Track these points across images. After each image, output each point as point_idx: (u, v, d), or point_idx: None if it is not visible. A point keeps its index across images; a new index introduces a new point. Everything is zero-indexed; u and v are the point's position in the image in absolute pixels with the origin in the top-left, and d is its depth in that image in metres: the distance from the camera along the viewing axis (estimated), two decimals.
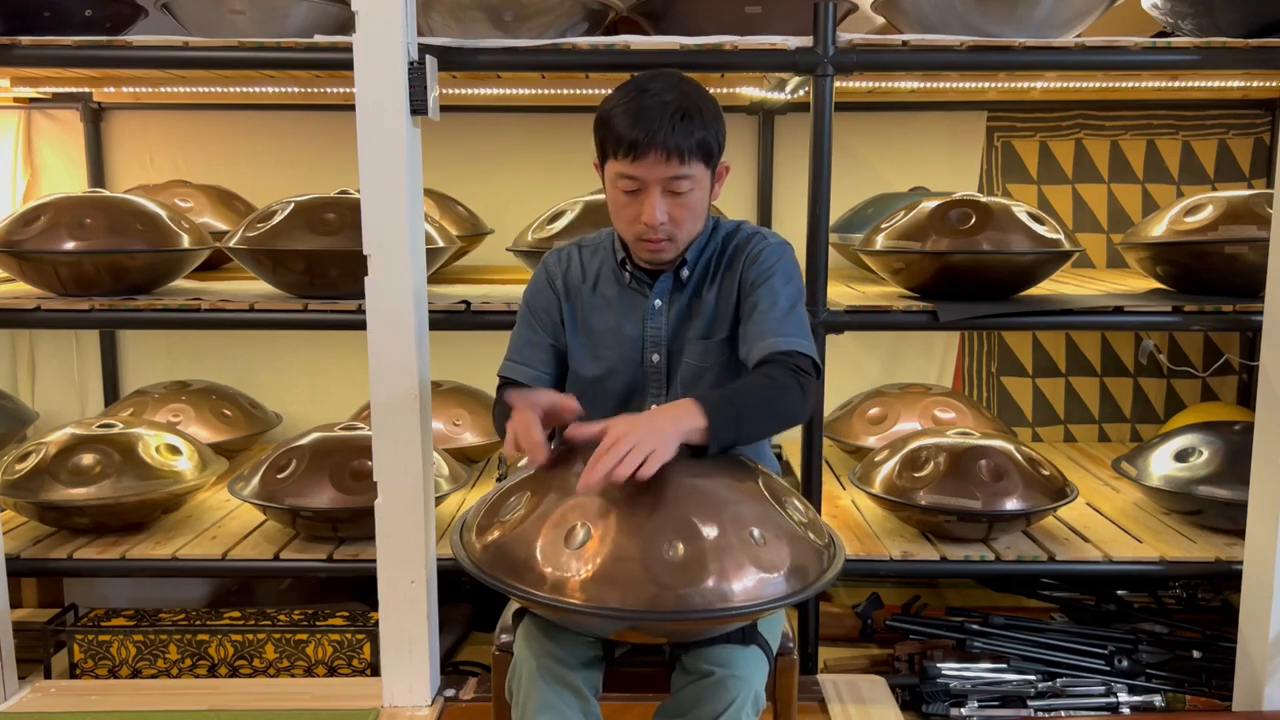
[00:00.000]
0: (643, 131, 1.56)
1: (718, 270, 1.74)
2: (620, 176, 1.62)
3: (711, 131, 1.62)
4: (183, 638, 2.47)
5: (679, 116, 1.57)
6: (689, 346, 1.74)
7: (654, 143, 1.56)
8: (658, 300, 1.74)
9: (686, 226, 1.66)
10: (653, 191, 1.61)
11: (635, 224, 1.65)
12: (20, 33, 2.33)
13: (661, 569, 1.35)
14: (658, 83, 1.61)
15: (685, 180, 1.61)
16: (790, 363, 1.61)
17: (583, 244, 1.84)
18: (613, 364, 1.77)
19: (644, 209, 1.62)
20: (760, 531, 1.42)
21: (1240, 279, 2.45)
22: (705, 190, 1.65)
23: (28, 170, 3.37)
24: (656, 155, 1.57)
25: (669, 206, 1.62)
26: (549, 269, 1.83)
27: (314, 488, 2.45)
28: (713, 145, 1.62)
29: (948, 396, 3.05)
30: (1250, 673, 2.26)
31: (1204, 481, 2.51)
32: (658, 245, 1.66)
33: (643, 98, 1.59)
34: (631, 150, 1.58)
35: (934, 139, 3.33)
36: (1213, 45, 2.30)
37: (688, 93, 1.61)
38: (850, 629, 2.72)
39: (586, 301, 1.79)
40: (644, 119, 1.57)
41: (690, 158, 1.59)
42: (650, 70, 1.67)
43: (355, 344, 2.41)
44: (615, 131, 1.59)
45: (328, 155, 3.27)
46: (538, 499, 1.47)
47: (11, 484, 2.51)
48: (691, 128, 1.58)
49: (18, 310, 2.41)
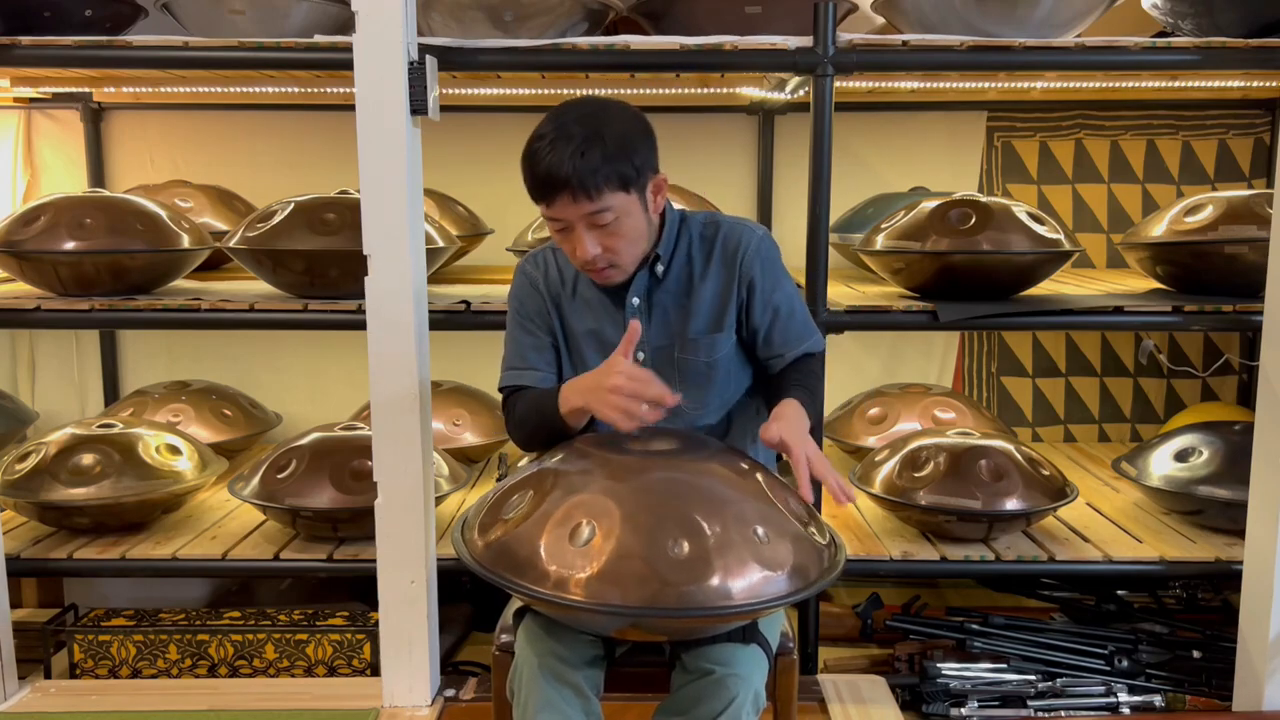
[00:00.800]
0: (549, 174, 1.55)
1: (708, 263, 1.74)
2: (546, 220, 1.63)
3: (623, 159, 1.56)
4: (183, 638, 2.47)
5: (580, 153, 1.54)
6: (692, 343, 1.74)
7: (561, 184, 1.55)
8: (635, 299, 1.74)
9: (624, 252, 1.65)
10: (578, 229, 1.60)
11: (574, 258, 1.66)
12: (20, 33, 2.33)
13: (666, 566, 1.35)
14: (568, 115, 1.58)
15: (606, 213, 1.58)
16: (818, 360, 1.80)
17: (555, 247, 1.81)
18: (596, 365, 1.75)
19: (577, 246, 1.62)
20: (764, 530, 1.43)
21: (1240, 279, 2.45)
22: (635, 214, 1.62)
23: (28, 170, 3.37)
24: (565, 197, 1.56)
25: (599, 239, 1.61)
26: (529, 274, 1.81)
27: (314, 488, 2.45)
28: (627, 172, 1.58)
29: (948, 396, 3.05)
30: (1250, 673, 2.26)
31: (1204, 481, 2.51)
32: (601, 274, 1.67)
33: (540, 144, 1.57)
34: (543, 195, 1.58)
35: (934, 139, 3.33)
36: (1213, 45, 2.30)
37: (595, 123, 1.57)
38: (850, 629, 2.72)
39: (567, 305, 1.78)
40: (548, 161, 1.55)
41: (601, 192, 1.56)
42: (567, 101, 1.64)
43: (355, 344, 2.41)
44: (526, 179, 1.61)
45: (328, 155, 3.27)
46: (540, 497, 1.47)
47: (11, 484, 2.51)
48: (595, 161, 1.54)
49: (18, 310, 2.41)
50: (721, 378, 1.75)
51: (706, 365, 1.74)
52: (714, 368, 1.74)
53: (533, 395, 1.73)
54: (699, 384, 1.74)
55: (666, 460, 1.51)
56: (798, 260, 2.33)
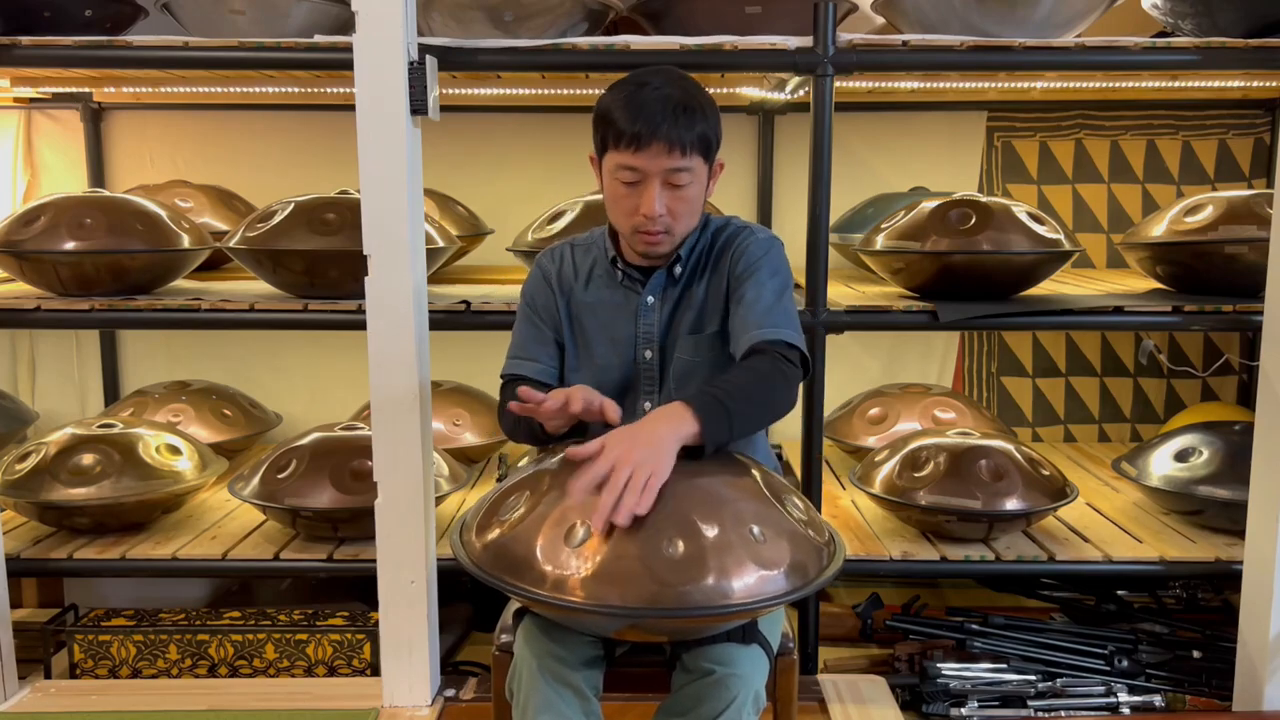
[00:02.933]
0: (645, 124, 1.58)
1: (707, 264, 1.76)
2: (621, 168, 1.63)
3: (711, 126, 1.64)
4: (183, 638, 2.47)
5: (680, 110, 1.59)
6: (680, 342, 1.75)
7: (656, 135, 1.58)
8: (650, 297, 1.75)
9: (683, 220, 1.67)
10: (653, 183, 1.62)
11: (634, 215, 1.65)
12: (20, 33, 2.33)
13: (662, 566, 1.35)
14: (658, 77, 1.63)
15: (685, 173, 1.62)
16: (774, 352, 1.62)
17: (575, 243, 1.84)
18: (606, 362, 1.77)
19: (643, 200, 1.63)
20: (760, 529, 1.43)
21: (1240, 279, 2.45)
22: (703, 185, 1.67)
23: (28, 170, 3.37)
24: (659, 147, 1.59)
25: (668, 199, 1.63)
26: (543, 268, 1.83)
27: (314, 488, 2.45)
28: (712, 140, 1.64)
29: (948, 396, 3.05)
30: (1250, 673, 2.26)
31: (1204, 481, 2.51)
32: (655, 237, 1.67)
33: (644, 91, 1.60)
34: (634, 142, 1.59)
35: (934, 139, 3.33)
36: (1213, 45, 2.30)
37: (687, 88, 1.63)
38: (850, 629, 2.72)
39: (579, 300, 1.79)
40: (646, 112, 1.58)
41: (691, 151, 1.61)
42: (648, 66, 1.68)
43: (355, 344, 2.40)
44: (617, 123, 1.60)
45: (328, 155, 3.27)
46: (537, 498, 1.47)
47: (11, 484, 2.51)
48: (693, 121, 1.60)
49: (18, 310, 2.41)
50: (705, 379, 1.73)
51: (696, 364, 1.74)
52: (701, 368, 1.74)
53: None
54: (690, 382, 1.74)
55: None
56: (798, 260, 2.33)
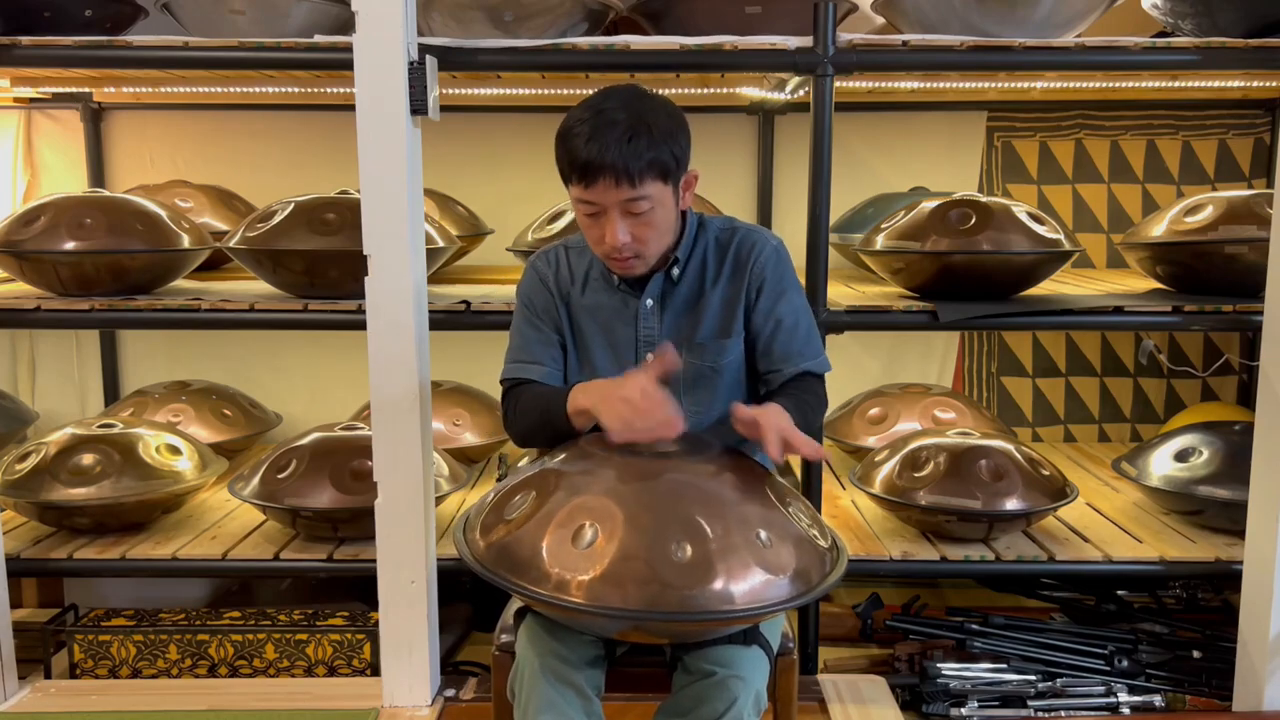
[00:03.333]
0: (592, 157, 1.54)
1: (720, 269, 1.74)
2: (578, 201, 1.62)
3: (665, 149, 1.58)
4: (183, 638, 2.47)
5: (627, 138, 1.54)
6: (696, 347, 1.73)
7: (604, 168, 1.54)
8: (649, 300, 1.74)
9: (652, 243, 1.65)
10: (611, 214, 1.60)
11: (600, 245, 1.65)
12: (20, 33, 2.33)
13: (668, 569, 1.35)
14: (611, 101, 1.59)
15: (642, 201, 1.59)
16: (819, 382, 1.74)
17: (569, 245, 1.82)
18: (605, 365, 1.76)
19: (606, 232, 1.62)
20: (766, 533, 1.42)
21: (1240, 279, 2.45)
22: (668, 206, 1.64)
23: (28, 170, 3.37)
24: (607, 181, 1.56)
25: (630, 226, 1.61)
26: (539, 270, 1.80)
27: (314, 488, 2.45)
28: (668, 162, 1.59)
29: (948, 396, 3.05)
30: (1250, 673, 2.27)
31: (1204, 481, 2.51)
32: (625, 263, 1.66)
33: (594, 120, 1.56)
34: (583, 177, 1.57)
35: (934, 139, 3.33)
36: (1213, 45, 2.30)
37: (640, 111, 1.58)
38: (850, 629, 2.72)
39: (576, 304, 1.78)
40: (593, 144, 1.54)
41: (643, 179, 1.57)
42: (607, 87, 1.64)
43: (355, 344, 2.40)
44: (567, 158, 1.58)
45: (328, 155, 3.27)
46: (543, 498, 1.47)
47: (11, 484, 2.51)
48: (640, 148, 1.55)
49: (18, 310, 2.41)
50: (727, 383, 1.75)
51: (712, 370, 1.74)
52: (720, 373, 1.74)
53: (538, 390, 1.72)
54: (704, 388, 1.74)
55: (670, 462, 1.51)
56: (798, 260, 2.32)
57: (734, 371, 1.75)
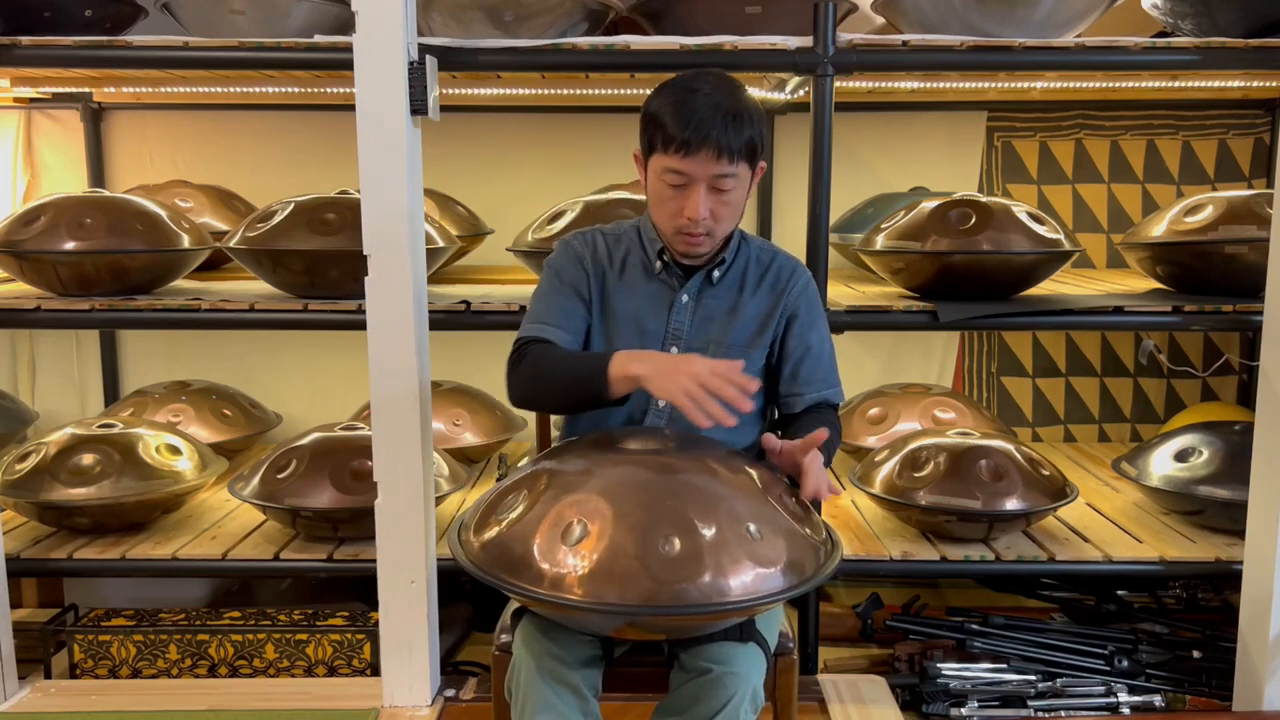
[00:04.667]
0: (695, 130, 1.59)
1: (760, 282, 1.78)
2: (668, 171, 1.64)
3: (757, 132, 1.65)
4: (183, 638, 2.47)
5: (730, 117, 1.60)
6: (719, 350, 1.74)
7: (706, 141, 1.59)
8: (685, 296, 1.75)
9: (725, 223, 1.69)
10: (698, 187, 1.63)
11: (677, 217, 1.67)
12: (20, 33, 2.33)
13: (658, 564, 1.36)
14: (707, 83, 1.64)
15: (730, 179, 1.64)
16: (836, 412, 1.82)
17: (603, 231, 1.83)
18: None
19: (688, 203, 1.64)
20: (756, 527, 1.43)
21: (1240, 279, 2.45)
22: (745, 189, 1.69)
23: (28, 170, 3.37)
24: (707, 153, 1.60)
25: (712, 203, 1.65)
26: (575, 248, 1.80)
27: (314, 488, 2.45)
28: (758, 146, 1.66)
29: (948, 396, 3.05)
30: (1250, 673, 2.26)
31: (1204, 481, 2.51)
32: (696, 239, 1.68)
33: (695, 97, 1.61)
34: (684, 147, 1.60)
35: (934, 139, 3.33)
36: (1213, 45, 2.30)
37: (736, 94, 1.64)
38: (850, 629, 2.72)
39: (613, 285, 1.78)
40: (697, 118, 1.59)
41: (738, 157, 1.62)
42: (695, 70, 1.68)
43: (355, 344, 2.40)
44: (667, 127, 1.61)
45: (328, 155, 3.27)
46: (535, 497, 1.47)
47: (11, 484, 2.51)
48: (742, 128, 1.61)
49: (18, 310, 2.41)
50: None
51: None
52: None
53: (564, 352, 1.70)
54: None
55: (659, 459, 1.51)
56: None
57: None
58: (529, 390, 1.72)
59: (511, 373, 1.73)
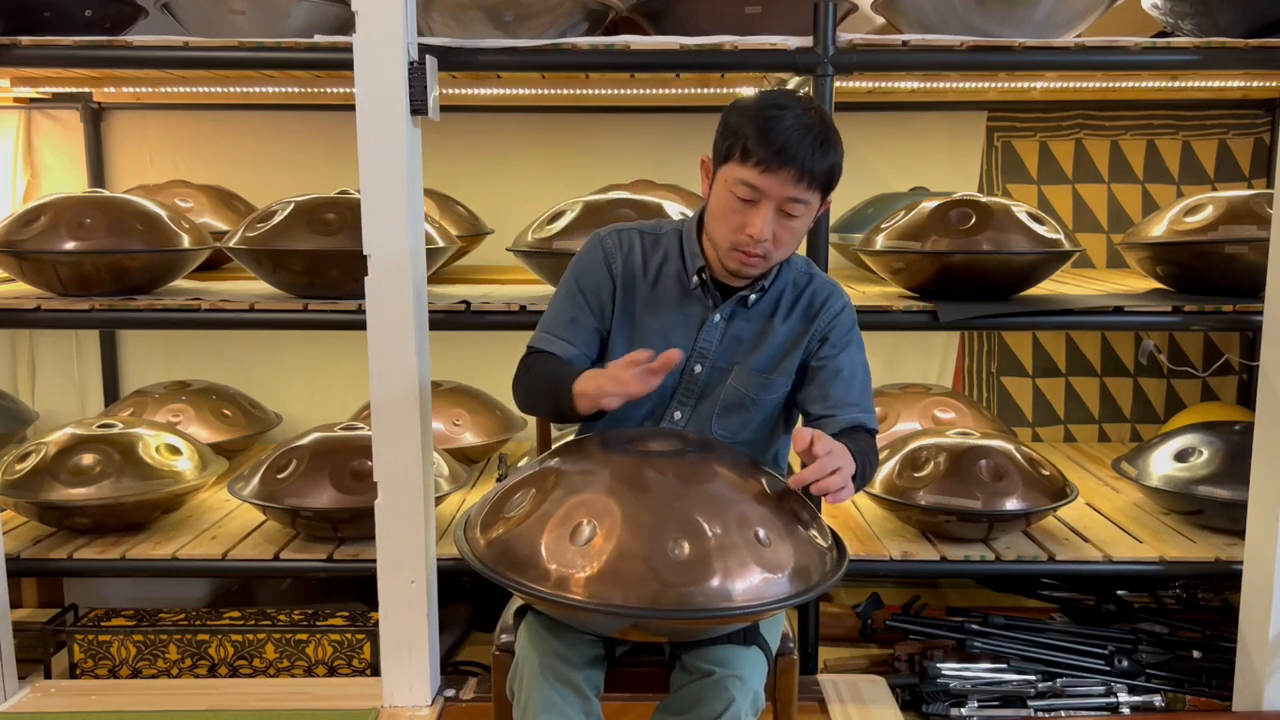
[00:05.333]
0: (780, 148, 1.54)
1: (792, 308, 1.73)
2: (740, 183, 1.58)
3: (839, 163, 1.61)
4: (183, 638, 2.47)
5: (820, 141, 1.56)
6: (742, 373, 1.72)
7: (790, 161, 1.55)
8: (718, 316, 1.72)
9: (784, 248, 1.64)
10: (768, 206, 1.58)
11: (739, 233, 1.61)
12: (20, 33, 2.33)
13: (666, 567, 1.35)
14: (799, 105, 1.59)
15: (801, 204, 1.59)
16: (874, 439, 1.71)
17: (643, 230, 1.79)
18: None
19: (753, 220, 1.59)
20: (765, 532, 1.43)
21: (1240, 279, 2.45)
22: (812, 218, 1.64)
23: (28, 170, 3.37)
24: (788, 174, 1.55)
25: (776, 225, 1.60)
26: (606, 249, 1.76)
27: (314, 488, 2.45)
28: (836, 177, 1.61)
29: (948, 396, 3.05)
30: (1250, 673, 2.27)
31: (1204, 481, 2.51)
32: (752, 259, 1.64)
33: (784, 114, 1.56)
34: (765, 163, 1.55)
35: (934, 139, 3.33)
36: (1213, 45, 2.30)
37: (826, 120, 1.60)
38: (850, 629, 2.72)
39: (643, 294, 1.75)
40: (785, 136, 1.55)
41: (815, 184, 1.58)
42: (785, 91, 1.65)
43: (355, 344, 2.41)
44: (751, 139, 1.56)
45: (328, 155, 3.27)
46: (542, 496, 1.47)
47: (11, 484, 2.51)
48: (827, 154, 1.57)
49: (18, 310, 2.41)
50: (760, 418, 1.74)
51: (753, 401, 1.73)
52: (758, 405, 1.73)
53: (556, 364, 1.70)
54: (737, 415, 1.74)
55: (669, 461, 1.51)
56: None
57: (769, 409, 1.75)
58: (523, 401, 1.75)
59: (514, 381, 1.76)
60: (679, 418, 1.75)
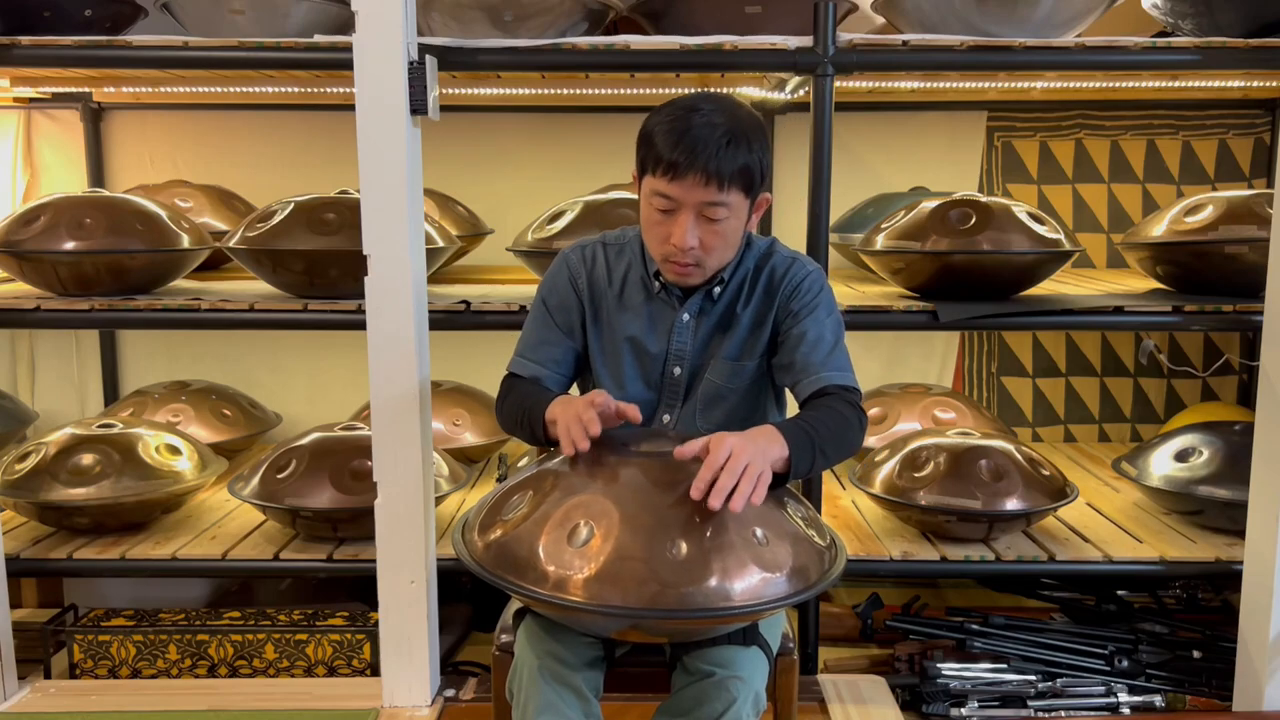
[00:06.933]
0: (685, 152, 1.52)
1: (753, 291, 1.72)
2: (655, 194, 1.57)
3: (755, 160, 1.56)
4: (183, 638, 2.47)
5: (725, 141, 1.52)
6: (715, 364, 1.72)
7: (694, 165, 1.52)
8: (686, 315, 1.72)
9: (716, 254, 1.62)
10: (686, 214, 1.56)
11: (664, 244, 1.60)
12: (20, 33, 2.33)
13: (664, 567, 1.35)
14: (709, 104, 1.56)
15: (721, 208, 1.56)
16: (847, 397, 1.62)
17: (606, 241, 1.78)
18: (632, 372, 1.74)
19: (675, 230, 1.58)
20: (763, 531, 1.43)
21: (1240, 279, 2.45)
22: (741, 220, 1.61)
23: (28, 170, 3.37)
24: (695, 178, 1.53)
25: (701, 232, 1.58)
26: (570, 267, 1.77)
27: (314, 488, 2.45)
28: (755, 175, 1.57)
29: (948, 396, 3.05)
30: (1250, 673, 2.27)
31: (1204, 481, 2.51)
32: (684, 269, 1.62)
33: (691, 117, 1.53)
34: (671, 170, 1.53)
35: (934, 139, 3.32)
36: (1213, 45, 2.30)
37: (737, 117, 1.56)
38: (850, 629, 2.72)
39: (611, 306, 1.75)
40: (689, 140, 1.52)
41: (730, 185, 1.54)
42: (700, 91, 1.63)
43: (355, 344, 2.41)
44: (657, 148, 1.54)
45: (328, 155, 3.27)
46: (540, 498, 1.47)
47: (11, 484, 2.51)
48: (736, 154, 1.53)
49: (18, 310, 2.41)
50: (739, 404, 1.74)
51: (730, 390, 1.73)
52: (735, 393, 1.73)
53: (530, 389, 1.72)
54: (719, 407, 1.74)
55: (666, 462, 1.51)
56: None
57: (748, 395, 1.74)
58: (503, 427, 1.77)
59: (495, 407, 1.79)
60: (668, 420, 1.75)
